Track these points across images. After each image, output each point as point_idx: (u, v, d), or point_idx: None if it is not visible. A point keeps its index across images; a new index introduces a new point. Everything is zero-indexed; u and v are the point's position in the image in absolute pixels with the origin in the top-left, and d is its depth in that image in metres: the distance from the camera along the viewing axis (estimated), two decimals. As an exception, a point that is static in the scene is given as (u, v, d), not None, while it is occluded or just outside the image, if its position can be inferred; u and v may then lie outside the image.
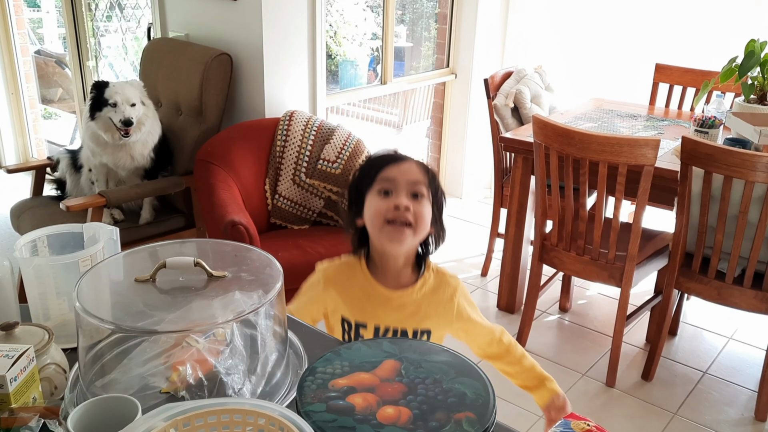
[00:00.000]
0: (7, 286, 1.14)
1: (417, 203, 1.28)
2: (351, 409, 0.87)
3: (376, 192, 1.29)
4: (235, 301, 1.03)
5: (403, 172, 1.29)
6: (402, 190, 1.28)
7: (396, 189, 1.28)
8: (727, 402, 2.47)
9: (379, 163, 1.31)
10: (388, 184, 1.28)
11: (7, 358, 0.87)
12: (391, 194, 1.28)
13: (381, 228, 1.28)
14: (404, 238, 1.27)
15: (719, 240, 2.26)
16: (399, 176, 1.28)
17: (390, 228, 1.27)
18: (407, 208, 1.26)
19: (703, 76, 3.19)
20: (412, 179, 1.29)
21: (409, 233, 1.27)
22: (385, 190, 1.28)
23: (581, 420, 0.84)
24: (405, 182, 1.28)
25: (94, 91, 2.57)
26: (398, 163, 1.30)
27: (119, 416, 0.86)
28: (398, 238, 1.27)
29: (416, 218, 1.27)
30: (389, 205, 1.27)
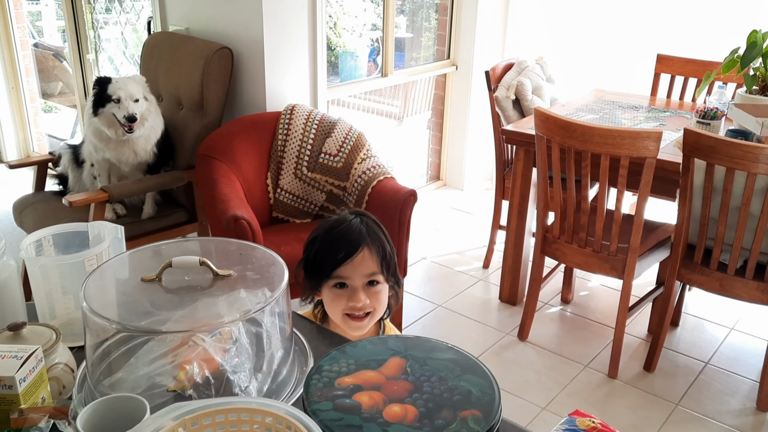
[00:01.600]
0: (13, 286, 1.14)
1: (373, 290, 1.33)
2: (358, 407, 0.87)
3: (332, 285, 1.32)
4: (240, 299, 1.03)
5: (356, 268, 1.30)
6: (358, 286, 1.31)
7: (352, 285, 1.31)
8: (728, 392, 2.49)
9: (332, 260, 1.31)
10: (344, 280, 1.32)
11: (16, 359, 0.88)
12: (347, 287, 1.32)
13: (341, 319, 1.34)
14: (365, 327, 1.34)
15: (721, 231, 2.27)
16: (353, 273, 1.31)
17: (350, 321, 1.33)
18: (364, 305, 1.31)
19: (705, 67, 3.18)
20: (367, 272, 1.31)
21: (368, 321, 1.34)
22: (341, 284, 1.32)
23: (586, 417, 0.85)
24: (360, 277, 1.31)
25: (97, 86, 2.56)
26: (352, 259, 1.30)
27: (128, 416, 0.86)
28: (359, 329, 1.34)
29: (375, 305, 1.33)
30: (346, 304, 1.31)
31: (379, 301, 1.34)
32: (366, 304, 1.31)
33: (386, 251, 1.34)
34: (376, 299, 1.33)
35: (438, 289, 3.18)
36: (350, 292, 1.32)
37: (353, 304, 1.31)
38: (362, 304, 1.31)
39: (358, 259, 1.30)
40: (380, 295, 1.34)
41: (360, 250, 1.30)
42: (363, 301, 1.31)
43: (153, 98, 2.68)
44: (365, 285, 1.32)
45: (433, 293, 3.14)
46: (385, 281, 1.35)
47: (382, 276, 1.33)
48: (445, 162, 4.33)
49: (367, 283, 1.32)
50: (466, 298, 3.11)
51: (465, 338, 2.80)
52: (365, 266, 1.31)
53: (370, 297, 1.32)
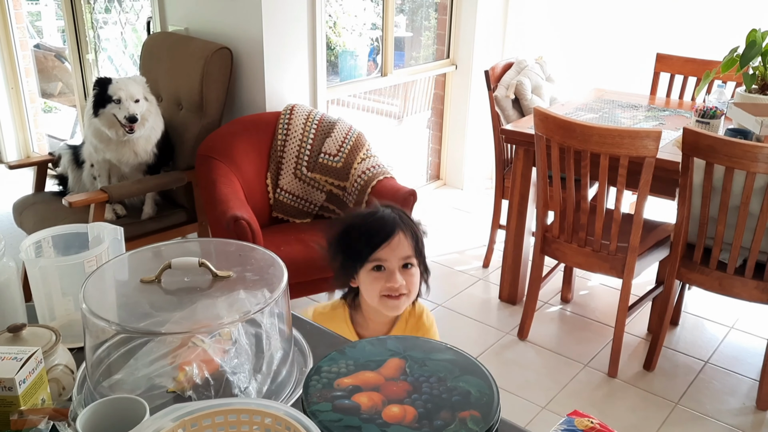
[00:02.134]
0: (13, 287, 1.15)
1: (408, 273, 1.41)
2: (357, 408, 0.88)
3: (370, 268, 1.40)
4: (240, 300, 1.04)
5: (393, 251, 1.39)
6: (395, 268, 1.40)
7: (389, 267, 1.40)
8: (728, 391, 2.49)
9: (371, 243, 1.39)
10: (382, 263, 1.39)
11: (16, 360, 0.88)
12: (384, 269, 1.40)
13: (379, 301, 1.42)
14: (401, 306, 1.43)
15: (720, 231, 2.27)
16: (390, 256, 1.39)
17: (388, 300, 1.41)
18: (401, 285, 1.39)
19: (704, 66, 3.18)
20: (403, 255, 1.40)
21: (405, 300, 1.42)
22: (378, 266, 1.40)
23: (585, 417, 0.85)
24: (397, 259, 1.39)
25: (97, 87, 2.56)
26: (389, 242, 1.39)
27: (127, 417, 0.86)
28: (396, 308, 1.43)
29: (410, 288, 1.41)
30: (385, 284, 1.39)
31: (413, 284, 1.42)
32: (402, 285, 1.39)
33: (419, 237, 1.44)
34: (411, 281, 1.41)
35: (438, 289, 3.18)
36: (387, 274, 1.39)
37: (391, 285, 1.38)
38: (399, 284, 1.39)
39: (394, 242, 1.39)
40: (414, 278, 1.42)
41: (396, 234, 1.39)
42: (400, 281, 1.39)
43: (153, 99, 2.68)
44: (401, 267, 1.40)
45: (433, 292, 3.15)
46: (418, 265, 1.43)
47: (416, 259, 1.42)
48: (445, 161, 4.33)
49: (403, 266, 1.40)
50: (466, 297, 3.12)
51: (465, 338, 2.80)
52: (401, 249, 1.39)
53: (405, 279, 1.40)
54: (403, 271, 1.41)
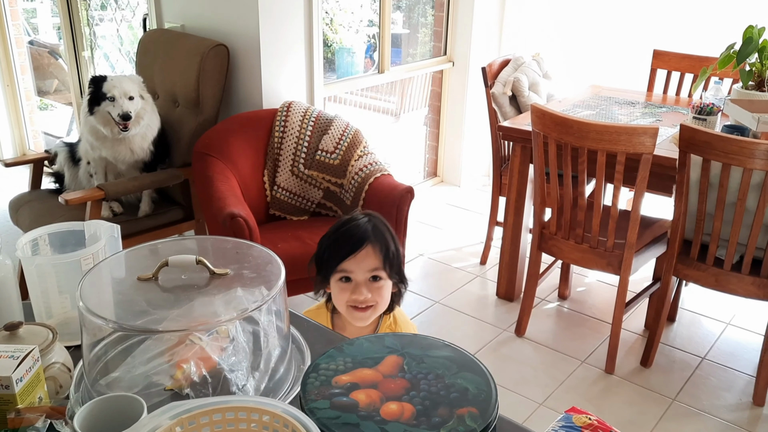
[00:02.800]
0: (9, 285, 1.14)
1: (376, 285, 1.41)
2: (355, 405, 0.88)
3: (338, 279, 1.42)
4: (237, 298, 1.03)
5: (359, 263, 1.39)
6: (361, 280, 1.40)
7: (355, 279, 1.40)
8: (725, 387, 2.50)
9: (338, 254, 1.40)
10: (348, 274, 1.40)
11: (13, 359, 0.88)
12: (351, 281, 1.41)
13: (346, 311, 1.43)
14: (367, 318, 1.44)
15: (717, 227, 2.27)
16: (356, 268, 1.39)
17: (354, 312, 1.42)
18: (366, 298, 1.40)
19: (701, 63, 3.18)
20: (370, 268, 1.40)
21: (371, 313, 1.43)
22: (346, 277, 1.41)
23: (583, 414, 0.85)
24: (363, 272, 1.40)
25: (92, 85, 2.56)
26: (355, 254, 1.39)
27: (125, 415, 0.86)
28: (362, 320, 1.44)
29: (377, 300, 1.41)
30: (350, 296, 1.40)
31: (381, 296, 1.41)
32: (368, 298, 1.39)
33: (389, 249, 1.41)
34: (378, 294, 1.41)
35: (435, 286, 3.18)
36: (354, 285, 1.40)
37: (356, 297, 1.39)
38: (364, 297, 1.39)
39: (361, 255, 1.38)
40: (382, 290, 1.41)
41: (363, 247, 1.38)
42: (365, 295, 1.39)
43: (149, 97, 2.67)
44: (368, 280, 1.40)
45: (431, 290, 3.15)
46: (387, 278, 1.41)
47: (384, 272, 1.40)
48: (442, 158, 4.33)
49: (371, 278, 1.40)
50: (464, 294, 3.12)
51: (462, 334, 2.81)
52: (368, 262, 1.39)
53: (372, 291, 1.40)
54: (370, 283, 1.40)
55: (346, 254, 1.39)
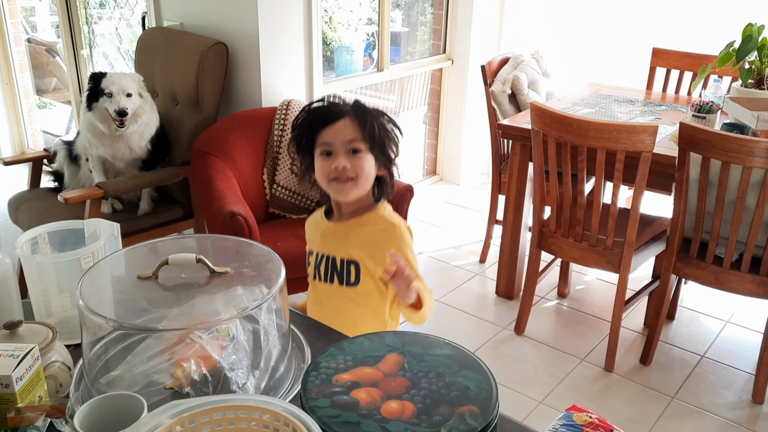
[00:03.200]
0: (9, 284, 1.14)
1: (356, 158, 1.41)
2: (355, 404, 0.88)
3: (318, 153, 1.42)
4: (237, 296, 1.03)
5: (337, 134, 1.40)
6: (340, 151, 1.40)
7: (335, 150, 1.41)
8: (724, 385, 2.50)
9: (315, 126, 1.42)
10: (327, 147, 1.41)
11: (13, 357, 0.87)
12: (332, 154, 1.41)
13: (327, 185, 1.44)
14: (348, 191, 1.43)
15: (717, 225, 2.27)
16: (335, 138, 1.40)
17: (335, 184, 1.42)
18: (345, 167, 1.39)
19: (700, 61, 3.18)
20: (347, 138, 1.40)
21: (351, 186, 1.42)
22: (326, 151, 1.41)
23: (584, 412, 0.85)
24: (341, 143, 1.40)
25: (91, 81, 2.55)
26: (332, 125, 1.40)
27: (125, 414, 0.86)
28: (342, 192, 1.43)
29: (357, 172, 1.41)
30: (330, 166, 1.40)
31: (361, 168, 1.41)
32: (347, 167, 1.40)
33: (369, 124, 1.41)
34: (358, 165, 1.41)
35: (435, 284, 3.18)
36: (334, 158, 1.41)
37: (335, 166, 1.40)
38: (342, 166, 1.39)
39: (338, 126, 1.40)
40: (362, 162, 1.41)
41: (341, 118, 1.41)
42: (343, 163, 1.39)
43: (148, 95, 2.67)
44: (348, 152, 1.41)
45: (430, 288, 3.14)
46: (367, 151, 1.42)
47: (363, 144, 1.41)
48: (442, 157, 4.32)
49: (351, 151, 1.41)
50: (463, 292, 3.12)
51: (462, 333, 2.81)
52: (345, 133, 1.40)
53: (351, 163, 1.40)
54: (351, 156, 1.41)
55: (323, 125, 1.41)
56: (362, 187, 1.44)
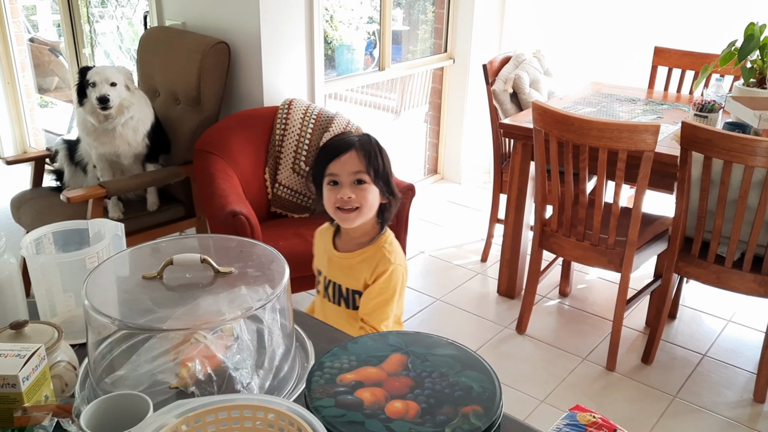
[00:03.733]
0: (14, 284, 1.14)
1: (360, 189, 1.52)
2: (360, 403, 0.88)
3: (326, 183, 1.55)
4: (241, 296, 1.04)
5: (343, 165, 1.51)
6: (345, 182, 1.52)
7: (341, 181, 1.52)
8: (726, 384, 2.50)
9: (324, 159, 1.54)
10: (334, 177, 1.53)
11: (19, 357, 0.88)
12: (339, 184, 1.53)
13: (334, 213, 1.56)
14: (352, 220, 1.54)
15: (719, 224, 2.27)
16: (341, 170, 1.52)
17: (340, 213, 1.54)
18: (350, 198, 1.51)
19: (702, 59, 3.18)
20: (353, 170, 1.51)
21: (356, 215, 1.53)
22: (333, 181, 1.54)
23: (587, 412, 0.86)
24: (347, 174, 1.52)
25: (79, 76, 2.56)
26: (339, 157, 1.52)
27: (131, 413, 0.87)
28: (347, 221, 1.55)
29: (361, 202, 1.52)
30: (336, 196, 1.52)
31: (365, 199, 1.52)
32: (352, 198, 1.51)
33: (373, 156, 1.53)
34: (363, 196, 1.52)
35: (436, 283, 3.18)
36: (339, 188, 1.53)
37: (341, 197, 1.51)
38: (348, 197, 1.51)
39: (345, 158, 1.51)
40: (366, 193, 1.52)
41: (348, 151, 1.52)
42: (348, 194, 1.51)
43: (138, 89, 2.66)
44: (353, 183, 1.52)
45: (431, 287, 3.15)
46: (372, 182, 1.53)
47: (368, 176, 1.52)
48: (443, 156, 4.33)
49: (355, 181, 1.52)
50: (464, 291, 3.12)
51: (463, 332, 2.81)
52: (351, 164, 1.51)
53: (356, 193, 1.51)
54: (355, 186, 1.51)
55: (331, 157, 1.52)
56: (365, 216, 1.54)
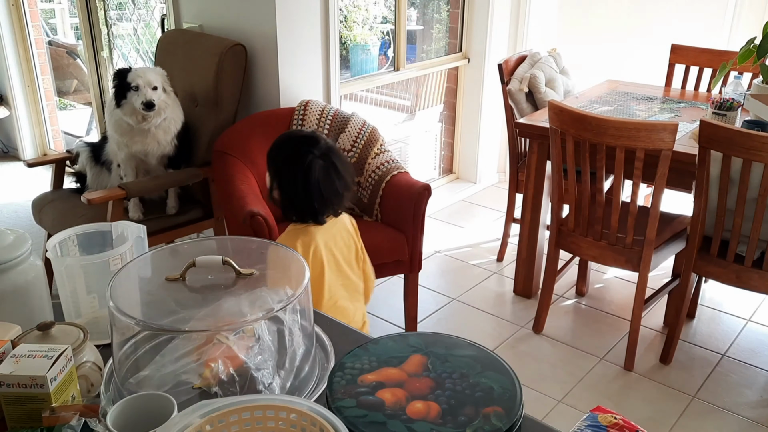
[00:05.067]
0: (40, 285, 1.17)
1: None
2: (381, 404, 0.89)
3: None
4: (262, 298, 1.05)
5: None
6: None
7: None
8: (745, 384, 2.48)
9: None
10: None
11: (47, 358, 0.90)
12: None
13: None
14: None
15: (738, 223, 2.26)
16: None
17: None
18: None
19: (720, 57, 3.15)
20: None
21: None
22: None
23: (609, 413, 0.86)
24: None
25: (117, 78, 2.59)
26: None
27: (156, 413, 0.88)
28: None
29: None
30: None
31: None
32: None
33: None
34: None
35: (452, 283, 3.19)
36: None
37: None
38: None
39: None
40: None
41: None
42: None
43: (171, 91, 2.69)
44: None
45: (448, 287, 3.15)
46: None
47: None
48: (458, 155, 4.32)
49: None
50: (481, 291, 3.12)
51: (480, 331, 2.81)
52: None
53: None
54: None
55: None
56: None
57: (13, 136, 4.58)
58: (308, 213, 1.81)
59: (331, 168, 1.80)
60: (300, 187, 1.78)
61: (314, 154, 1.79)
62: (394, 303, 2.96)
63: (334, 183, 1.81)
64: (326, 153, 1.81)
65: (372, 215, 2.70)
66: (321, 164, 1.79)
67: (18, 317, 1.10)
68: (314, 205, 1.79)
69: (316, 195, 1.78)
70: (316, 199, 1.78)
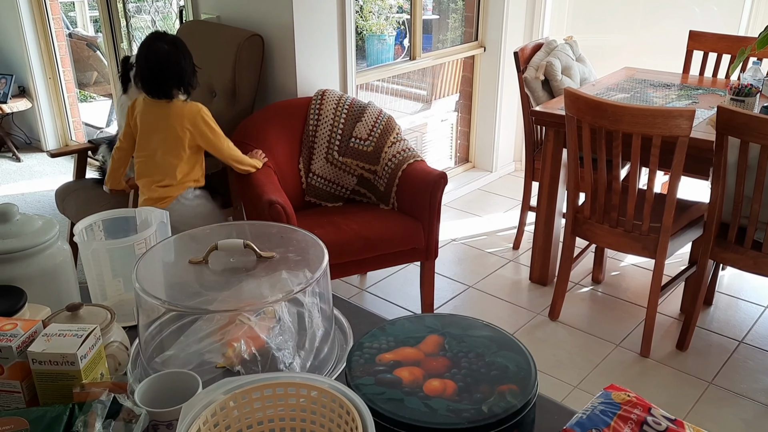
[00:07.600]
0: (68, 269, 1.20)
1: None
2: (399, 382, 0.91)
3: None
4: (282, 280, 1.08)
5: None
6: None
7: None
8: (763, 370, 2.48)
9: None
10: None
11: (77, 337, 0.93)
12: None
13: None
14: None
15: (755, 210, 2.25)
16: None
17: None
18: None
19: (738, 43, 3.13)
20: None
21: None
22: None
23: (622, 391, 0.88)
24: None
25: (122, 65, 2.64)
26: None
27: (181, 390, 0.92)
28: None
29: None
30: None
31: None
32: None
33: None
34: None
35: (468, 271, 3.20)
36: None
37: None
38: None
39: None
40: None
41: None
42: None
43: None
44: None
45: (464, 274, 3.17)
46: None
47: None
48: (474, 144, 4.33)
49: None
50: (497, 279, 3.14)
51: (496, 318, 2.83)
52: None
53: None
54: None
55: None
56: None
57: (35, 128, 4.66)
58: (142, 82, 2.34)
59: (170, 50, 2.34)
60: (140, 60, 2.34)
61: (155, 38, 2.35)
62: (410, 290, 2.99)
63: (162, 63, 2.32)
64: (173, 41, 2.36)
65: (388, 203, 2.72)
66: (159, 46, 2.32)
67: (47, 299, 1.14)
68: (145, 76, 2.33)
69: (143, 68, 2.33)
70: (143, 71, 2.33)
